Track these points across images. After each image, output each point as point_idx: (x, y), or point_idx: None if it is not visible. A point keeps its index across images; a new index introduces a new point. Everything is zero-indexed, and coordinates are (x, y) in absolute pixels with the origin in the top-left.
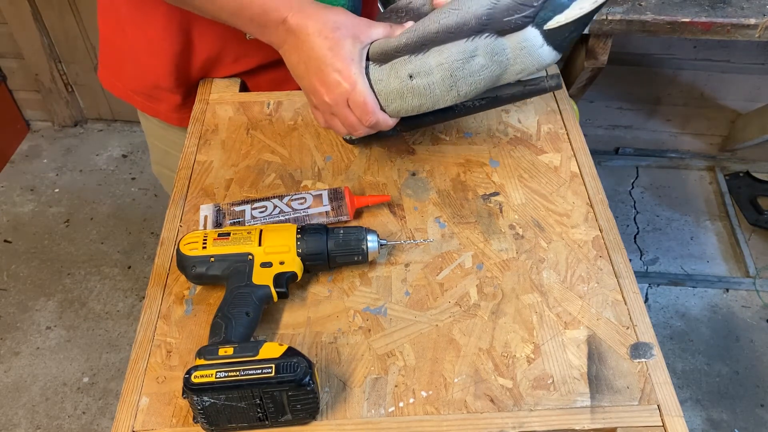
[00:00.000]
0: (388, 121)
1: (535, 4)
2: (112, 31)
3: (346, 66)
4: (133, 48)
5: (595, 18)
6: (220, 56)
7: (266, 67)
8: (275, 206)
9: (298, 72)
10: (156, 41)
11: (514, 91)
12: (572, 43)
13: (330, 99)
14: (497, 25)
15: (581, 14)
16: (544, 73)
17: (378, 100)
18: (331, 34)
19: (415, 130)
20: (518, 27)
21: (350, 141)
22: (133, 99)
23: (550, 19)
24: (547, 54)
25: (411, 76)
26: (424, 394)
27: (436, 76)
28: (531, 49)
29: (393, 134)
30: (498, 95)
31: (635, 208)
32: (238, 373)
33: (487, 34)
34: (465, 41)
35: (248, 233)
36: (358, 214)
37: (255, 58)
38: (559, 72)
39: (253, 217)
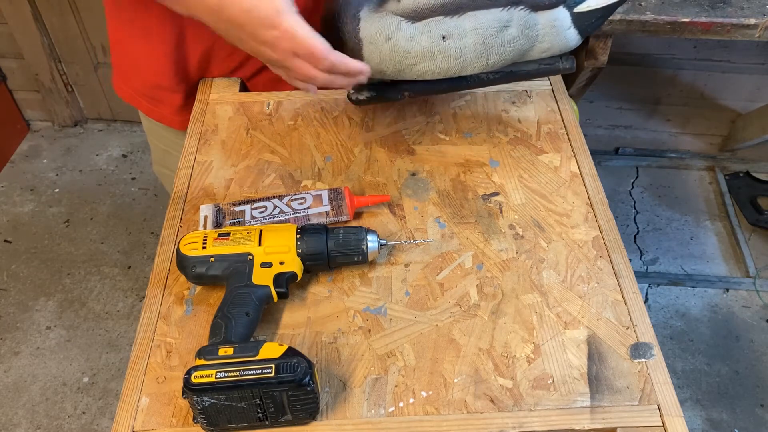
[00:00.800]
0: (351, 64)
1: None
2: (117, 33)
3: (275, 21)
4: (134, 48)
5: None
6: (214, 49)
7: (264, 66)
8: (275, 206)
9: (231, 39)
10: (153, 38)
11: (530, 68)
12: (594, 30)
13: (276, 57)
14: (531, 1)
15: (610, 2)
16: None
17: (402, 60)
18: None
19: (420, 96)
20: (552, 5)
21: (356, 101)
22: (140, 103)
23: (581, 2)
24: (573, 36)
25: (444, 37)
26: (424, 394)
27: (469, 40)
28: (560, 29)
29: (400, 98)
30: (513, 70)
31: (635, 208)
32: (238, 373)
33: (522, 7)
34: (501, 10)
35: (248, 233)
36: (358, 214)
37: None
38: (573, 55)
39: (253, 217)
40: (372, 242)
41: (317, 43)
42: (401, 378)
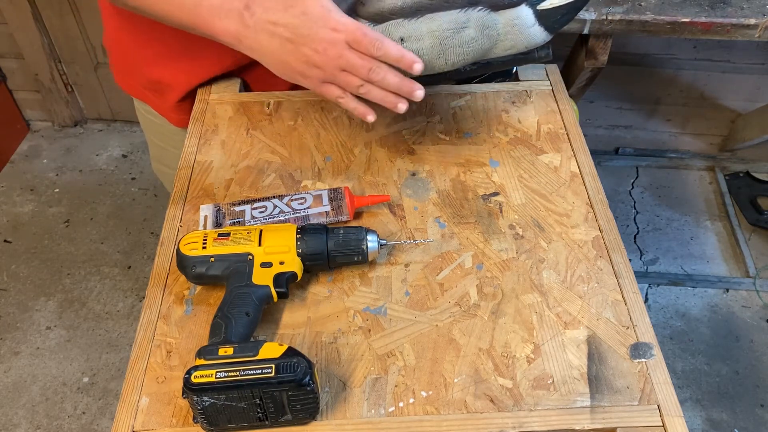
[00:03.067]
0: (403, 50)
1: None
2: (116, 30)
3: (327, 17)
4: (136, 41)
5: (594, 18)
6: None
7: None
8: (275, 206)
9: (283, 55)
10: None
11: (505, 57)
12: (563, 25)
13: (333, 52)
14: (492, 0)
15: None
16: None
17: None
18: (292, 1)
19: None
20: (512, 4)
21: None
22: (146, 96)
23: (543, 0)
24: (538, 34)
25: (402, 40)
26: (424, 394)
27: (426, 42)
28: (522, 27)
29: None
30: (489, 61)
31: (635, 208)
32: (238, 373)
33: (480, 8)
34: (458, 11)
35: (248, 233)
36: (358, 214)
37: None
38: (549, 44)
39: (253, 217)
40: (372, 242)
41: (367, 28)
42: (401, 378)
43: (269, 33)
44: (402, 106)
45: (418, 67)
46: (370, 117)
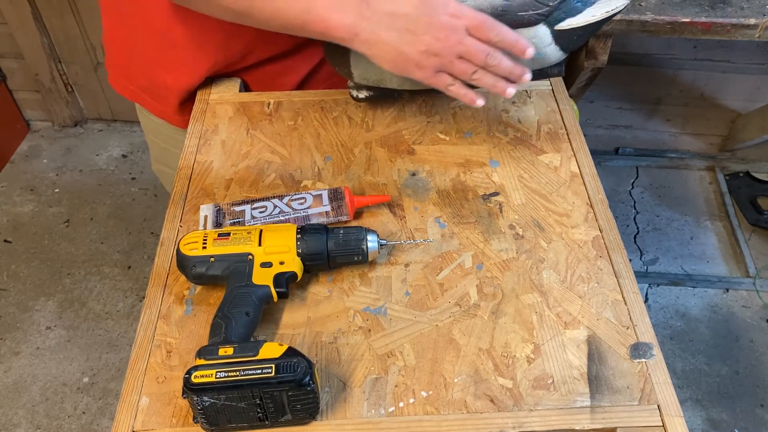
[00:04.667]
0: (516, 35)
1: (551, 4)
2: (115, 29)
3: (446, 3)
4: (136, 43)
5: None
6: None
7: (264, 63)
8: (275, 206)
9: (401, 46)
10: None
11: None
12: (578, 46)
13: (454, 39)
14: (511, 18)
15: (592, 21)
16: None
17: (383, 71)
18: None
19: (420, 95)
20: (531, 23)
21: (356, 99)
22: (143, 99)
23: (562, 20)
24: (554, 52)
25: None
26: (424, 394)
27: None
28: (540, 46)
29: (397, 96)
30: None
31: (635, 208)
32: (238, 373)
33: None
34: None
35: (248, 233)
36: (358, 214)
37: (257, 54)
38: (562, 61)
39: (253, 217)
40: (372, 242)
41: (483, 15)
42: (401, 378)
43: (387, 25)
44: (511, 90)
45: (530, 52)
46: (480, 101)
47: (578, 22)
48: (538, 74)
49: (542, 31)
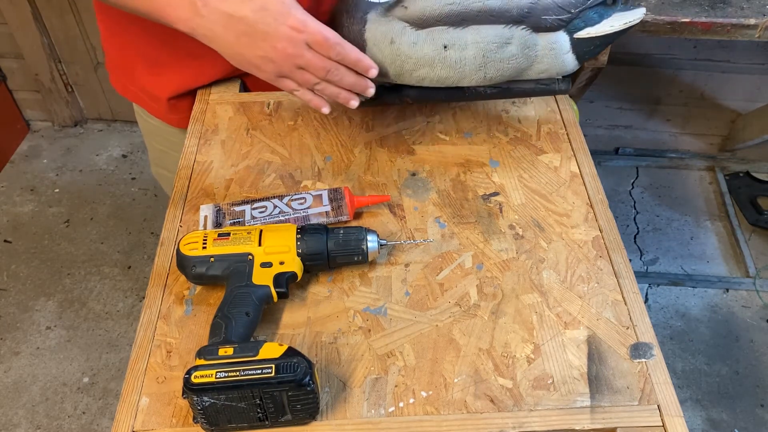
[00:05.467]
0: (361, 54)
1: (573, 11)
2: (110, 29)
3: (287, 14)
4: (133, 43)
5: None
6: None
7: None
8: (275, 206)
9: (238, 47)
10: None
11: (526, 87)
12: (592, 57)
13: (292, 51)
14: (535, 21)
15: (610, 32)
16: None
17: (403, 64)
18: None
19: (420, 102)
20: (552, 28)
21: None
22: (142, 100)
23: (581, 29)
24: (570, 61)
25: (446, 47)
26: (424, 394)
27: (469, 52)
28: (558, 52)
29: (398, 102)
30: (510, 87)
31: (635, 208)
32: (238, 373)
33: (524, 26)
34: (503, 27)
35: (248, 233)
36: (358, 214)
37: None
38: (569, 77)
39: (253, 217)
40: (372, 242)
41: (328, 30)
42: (401, 378)
43: (224, 25)
44: (354, 103)
45: (373, 72)
46: (326, 109)
47: (597, 31)
48: (545, 90)
49: (562, 38)
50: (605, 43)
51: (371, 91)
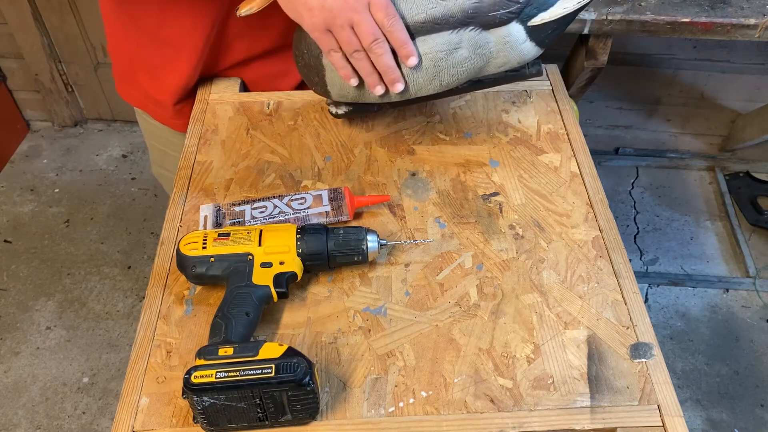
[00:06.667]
0: (407, 40)
1: (521, 1)
2: (116, 36)
3: None
4: (134, 46)
5: (594, 18)
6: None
7: (260, 58)
8: (275, 206)
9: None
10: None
11: (497, 75)
12: (554, 39)
13: (353, 4)
14: (482, 19)
15: (565, 13)
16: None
17: (360, 86)
18: None
19: (399, 107)
20: (503, 22)
21: (335, 115)
22: (147, 106)
23: (534, 16)
24: (530, 49)
25: (397, 64)
26: (424, 394)
27: (420, 64)
28: (514, 44)
29: (376, 110)
30: (480, 79)
31: (635, 208)
32: (238, 373)
33: (471, 27)
34: (450, 33)
35: (248, 233)
36: (358, 214)
37: (245, 44)
38: (539, 59)
39: (253, 217)
40: (372, 242)
41: (391, 3)
42: (401, 378)
43: None
44: (380, 89)
45: (413, 61)
46: (353, 81)
47: (551, 15)
48: (517, 76)
49: (515, 29)
50: (563, 25)
51: (399, 86)
